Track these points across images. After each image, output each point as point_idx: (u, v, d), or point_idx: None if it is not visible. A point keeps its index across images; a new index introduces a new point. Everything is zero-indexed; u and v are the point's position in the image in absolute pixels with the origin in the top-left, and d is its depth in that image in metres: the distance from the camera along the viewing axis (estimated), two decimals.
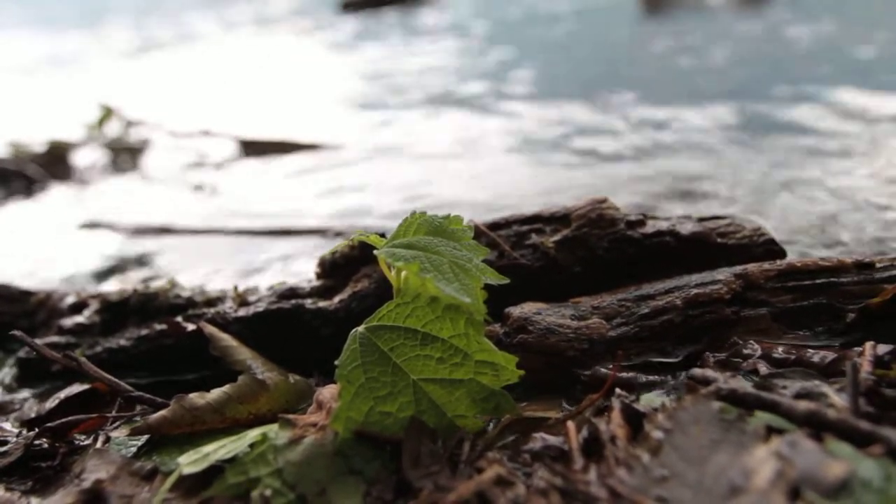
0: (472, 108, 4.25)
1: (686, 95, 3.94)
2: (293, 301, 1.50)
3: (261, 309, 1.50)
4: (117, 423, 1.27)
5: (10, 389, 1.54)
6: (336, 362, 0.98)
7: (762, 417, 0.89)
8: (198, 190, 3.37)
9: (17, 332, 1.32)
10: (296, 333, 1.47)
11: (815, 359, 1.08)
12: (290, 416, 1.02)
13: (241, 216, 2.84)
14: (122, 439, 1.13)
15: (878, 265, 1.25)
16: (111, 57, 8.64)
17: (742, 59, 4.77)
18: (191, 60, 8.07)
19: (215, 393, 1.16)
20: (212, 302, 1.59)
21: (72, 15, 15.36)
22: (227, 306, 1.55)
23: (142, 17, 13.73)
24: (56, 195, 3.56)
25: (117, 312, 1.62)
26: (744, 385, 0.96)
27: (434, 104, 4.51)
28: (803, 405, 0.87)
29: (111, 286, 2.21)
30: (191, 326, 1.48)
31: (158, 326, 1.53)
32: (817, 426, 0.85)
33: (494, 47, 6.37)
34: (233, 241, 2.57)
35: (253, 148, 3.91)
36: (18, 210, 3.37)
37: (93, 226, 2.89)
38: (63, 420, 1.23)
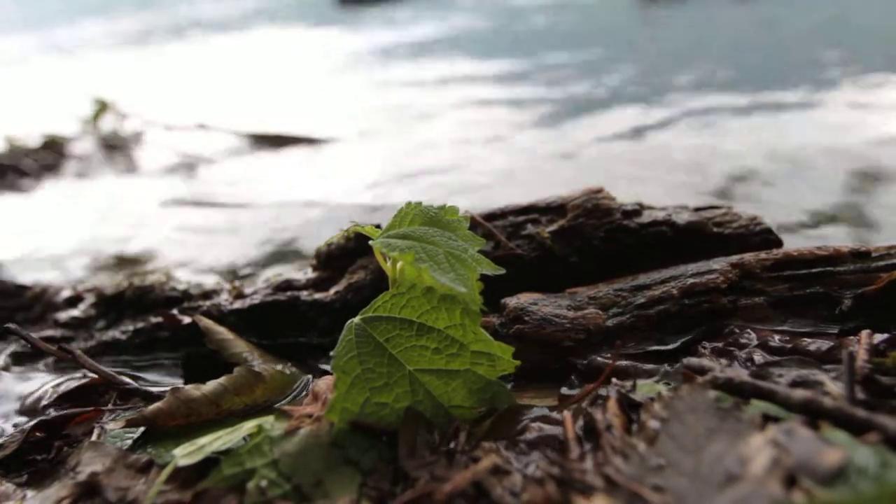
0: None
1: None
2: (289, 293, 1.50)
3: (256, 301, 1.50)
4: (113, 415, 1.26)
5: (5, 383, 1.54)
6: (332, 353, 0.97)
7: (758, 406, 0.89)
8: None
9: (11, 326, 1.32)
10: (292, 325, 1.47)
11: (812, 347, 1.08)
12: (286, 408, 1.02)
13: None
14: (117, 432, 1.12)
15: (874, 254, 1.25)
16: (106, 49, 8.59)
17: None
18: (183, 54, 8.02)
19: (211, 385, 1.16)
20: (207, 294, 1.59)
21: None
22: (223, 299, 1.55)
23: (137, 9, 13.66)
24: (50, 189, 3.54)
25: (113, 305, 1.62)
26: (740, 374, 0.96)
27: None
28: (799, 393, 0.87)
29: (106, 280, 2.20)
30: (186, 319, 1.47)
31: (154, 319, 1.53)
32: (813, 414, 0.85)
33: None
34: None
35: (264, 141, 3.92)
36: (12, 204, 3.35)
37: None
38: (58, 413, 1.23)
